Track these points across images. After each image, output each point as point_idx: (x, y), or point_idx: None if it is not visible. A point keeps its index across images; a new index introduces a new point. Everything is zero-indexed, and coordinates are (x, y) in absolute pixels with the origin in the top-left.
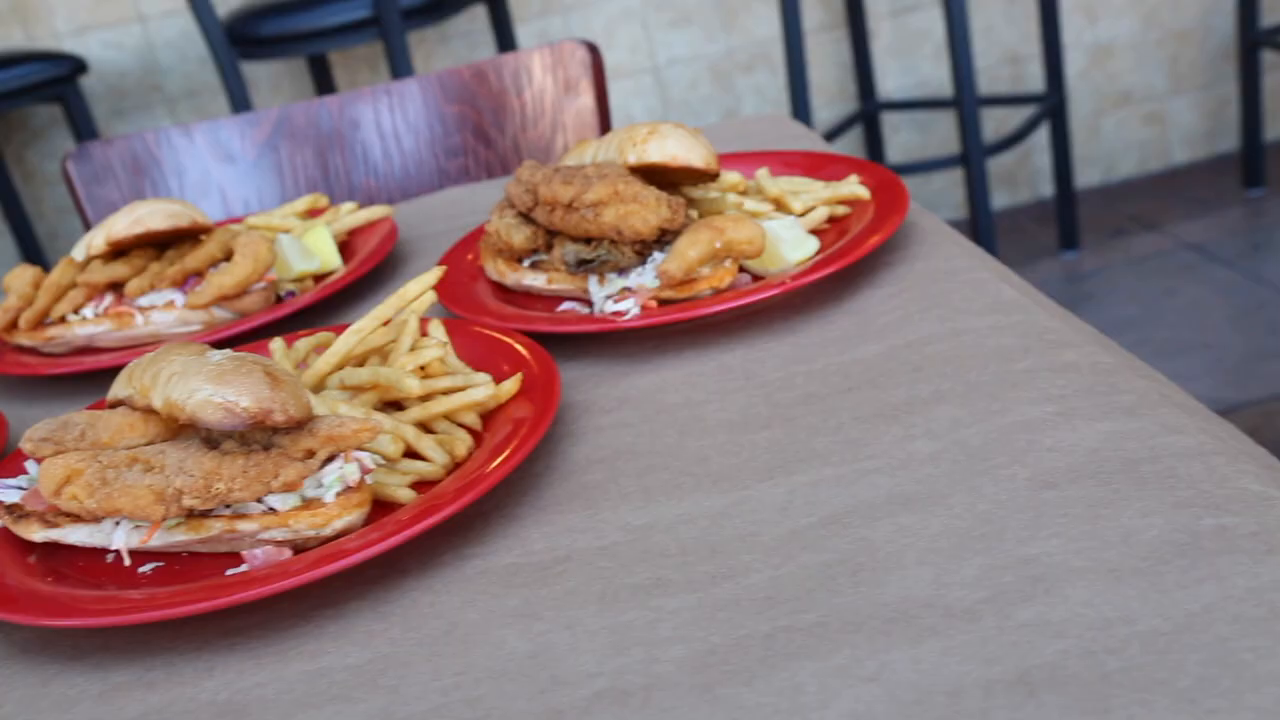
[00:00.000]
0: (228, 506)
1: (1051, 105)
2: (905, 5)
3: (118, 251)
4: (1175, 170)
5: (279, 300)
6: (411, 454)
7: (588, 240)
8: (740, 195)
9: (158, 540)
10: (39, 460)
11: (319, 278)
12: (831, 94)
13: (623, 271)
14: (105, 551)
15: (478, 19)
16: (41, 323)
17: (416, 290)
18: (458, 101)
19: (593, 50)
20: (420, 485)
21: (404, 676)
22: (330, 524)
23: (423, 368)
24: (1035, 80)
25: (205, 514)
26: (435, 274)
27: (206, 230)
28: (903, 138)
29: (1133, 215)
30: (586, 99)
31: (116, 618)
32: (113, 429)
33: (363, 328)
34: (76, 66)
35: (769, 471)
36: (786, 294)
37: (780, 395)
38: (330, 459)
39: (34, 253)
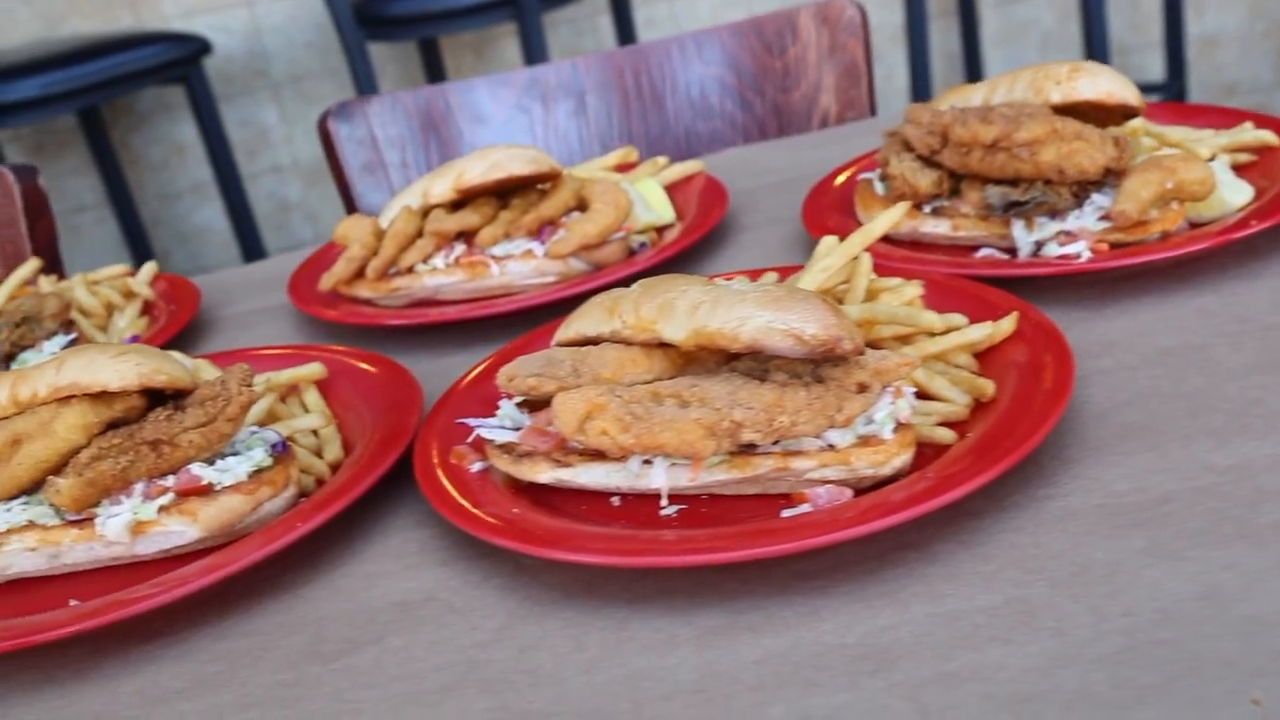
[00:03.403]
0: (776, 443)
1: (1173, 95)
2: None
3: (456, 202)
4: None
5: (631, 253)
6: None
7: (1012, 183)
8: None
9: (698, 479)
10: (524, 398)
11: (659, 230)
12: (937, 83)
13: (1055, 214)
14: (604, 493)
15: (585, 4)
16: (385, 273)
17: (884, 226)
18: (714, 64)
19: (861, 11)
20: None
21: (1061, 619)
22: (890, 462)
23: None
24: (1142, 70)
25: (748, 451)
26: (900, 209)
27: (551, 178)
28: None
29: None
30: (853, 60)
31: (714, 555)
32: (612, 364)
33: (830, 265)
34: (201, 47)
35: None
36: (1232, 241)
37: None
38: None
39: (139, 238)
